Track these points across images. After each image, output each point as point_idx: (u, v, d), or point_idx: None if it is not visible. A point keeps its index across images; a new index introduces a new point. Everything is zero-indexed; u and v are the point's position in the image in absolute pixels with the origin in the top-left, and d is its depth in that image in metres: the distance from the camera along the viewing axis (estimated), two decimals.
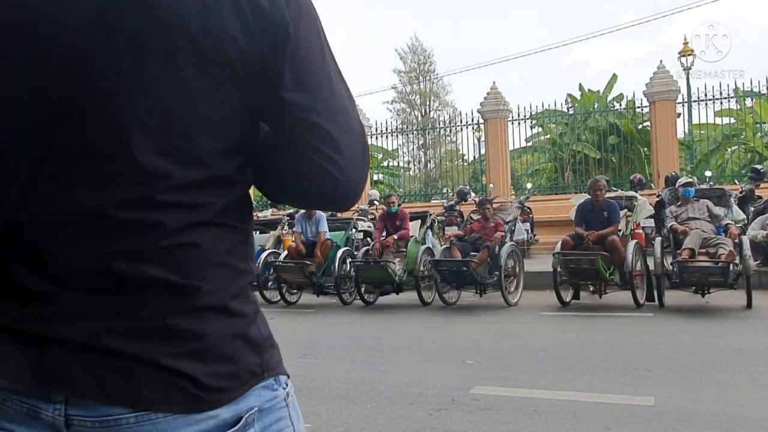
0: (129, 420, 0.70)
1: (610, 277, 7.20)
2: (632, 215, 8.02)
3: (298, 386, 3.31)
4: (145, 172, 0.71)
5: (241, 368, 0.75)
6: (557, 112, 16.68)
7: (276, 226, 10.30)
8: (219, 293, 0.75)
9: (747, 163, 15.73)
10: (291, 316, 8.11)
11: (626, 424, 3.25)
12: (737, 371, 4.30)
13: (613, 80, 21.24)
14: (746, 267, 6.77)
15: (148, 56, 0.71)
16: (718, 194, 7.96)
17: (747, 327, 6.18)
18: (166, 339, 0.72)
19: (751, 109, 15.57)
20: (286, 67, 0.76)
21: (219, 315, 0.75)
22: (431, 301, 8.23)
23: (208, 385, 0.72)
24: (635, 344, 5.40)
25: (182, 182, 0.72)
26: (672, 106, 13.51)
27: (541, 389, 3.95)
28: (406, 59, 36.92)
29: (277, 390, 0.80)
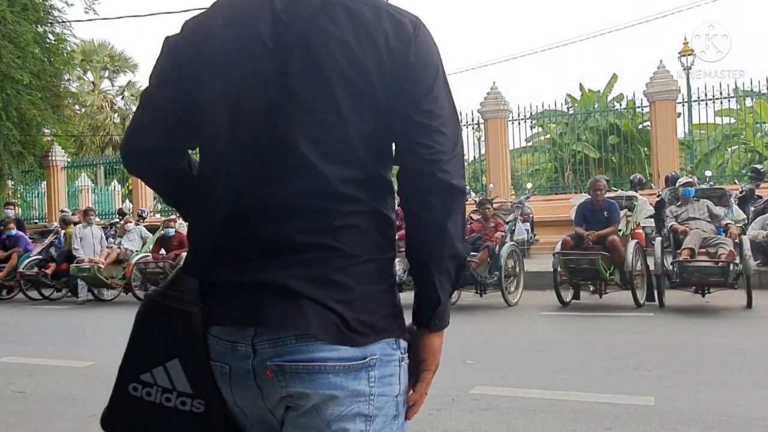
0: (290, 341, 1.02)
1: (610, 277, 7.20)
2: (632, 215, 8.02)
3: None
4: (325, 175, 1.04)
5: (376, 322, 1.05)
6: (557, 112, 16.67)
7: None
8: (371, 263, 1.07)
9: (747, 162, 15.72)
10: None
11: (626, 424, 3.25)
12: (737, 371, 4.30)
13: (613, 80, 21.24)
14: (746, 267, 6.77)
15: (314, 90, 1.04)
16: (718, 194, 7.96)
17: (747, 327, 6.18)
18: (330, 288, 1.03)
19: (751, 109, 15.55)
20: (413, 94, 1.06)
21: (368, 279, 1.06)
22: None
23: (353, 327, 1.03)
24: (635, 344, 5.40)
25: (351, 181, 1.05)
26: (672, 106, 13.49)
27: (541, 389, 3.94)
28: None
29: (397, 350, 1.08)
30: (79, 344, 6.53)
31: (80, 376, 4.84)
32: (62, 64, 17.32)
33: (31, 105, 15.25)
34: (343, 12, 1.05)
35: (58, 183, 18.81)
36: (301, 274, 1.03)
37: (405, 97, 1.06)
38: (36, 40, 15.59)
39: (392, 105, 1.06)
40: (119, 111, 31.99)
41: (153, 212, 17.39)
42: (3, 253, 11.37)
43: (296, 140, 1.04)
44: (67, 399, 4.15)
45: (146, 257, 10.00)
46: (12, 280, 10.99)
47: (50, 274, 10.57)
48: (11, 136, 15.15)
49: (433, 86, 1.08)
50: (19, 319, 9.04)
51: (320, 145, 1.04)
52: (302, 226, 1.05)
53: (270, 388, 1.05)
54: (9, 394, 4.35)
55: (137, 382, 1.11)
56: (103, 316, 8.90)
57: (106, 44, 31.17)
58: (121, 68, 31.83)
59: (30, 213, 20.05)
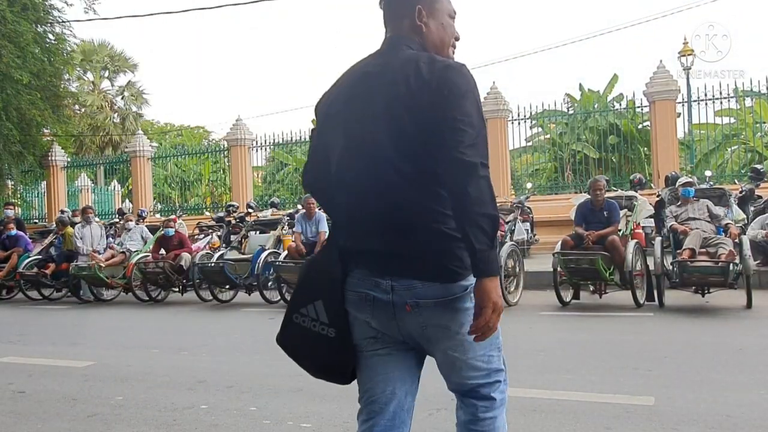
0: (417, 285, 1.65)
1: (610, 276, 7.19)
2: (632, 215, 8.01)
3: (298, 386, 3.30)
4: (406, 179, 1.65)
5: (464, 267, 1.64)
6: (557, 112, 16.66)
7: (276, 226, 10.29)
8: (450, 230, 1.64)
9: (747, 162, 15.72)
10: None
11: (626, 424, 3.25)
12: (737, 371, 4.30)
13: (614, 80, 21.23)
14: (746, 267, 6.77)
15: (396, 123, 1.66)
16: (718, 194, 7.95)
17: (747, 327, 6.18)
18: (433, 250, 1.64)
19: (751, 109, 15.55)
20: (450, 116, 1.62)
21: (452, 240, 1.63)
22: None
23: (453, 270, 1.64)
24: (635, 344, 5.40)
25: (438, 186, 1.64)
26: (672, 105, 13.49)
27: (541, 389, 3.94)
28: None
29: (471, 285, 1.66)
30: (79, 344, 6.54)
31: (80, 376, 4.84)
32: (62, 64, 17.32)
33: (31, 105, 15.25)
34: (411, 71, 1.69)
35: (58, 183, 18.82)
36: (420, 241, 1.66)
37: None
38: (36, 40, 15.58)
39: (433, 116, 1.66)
40: (119, 111, 31.96)
41: (153, 212, 17.38)
42: (3, 253, 11.37)
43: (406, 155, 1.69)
44: (67, 399, 4.15)
45: (146, 257, 10.00)
46: (12, 280, 10.99)
47: (50, 274, 10.57)
48: (11, 136, 15.15)
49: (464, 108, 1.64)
50: (19, 319, 9.04)
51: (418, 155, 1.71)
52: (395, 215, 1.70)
53: (407, 317, 1.68)
54: (9, 394, 4.35)
55: (297, 313, 1.80)
56: (103, 316, 8.90)
57: (106, 44, 31.14)
58: (121, 68, 31.80)
59: (30, 213, 20.05)
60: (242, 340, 6.44)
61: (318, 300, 1.75)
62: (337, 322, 1.74)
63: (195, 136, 33.73)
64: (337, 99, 1.82)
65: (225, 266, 9.00)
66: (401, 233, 1.66)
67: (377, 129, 1.68)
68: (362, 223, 1.72)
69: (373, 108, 1.71)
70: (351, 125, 1.74)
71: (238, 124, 16.91)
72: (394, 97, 1.67)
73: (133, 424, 3.56)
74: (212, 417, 3.64)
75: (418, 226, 1.65)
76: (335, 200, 1.81)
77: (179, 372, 4.85)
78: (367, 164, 1.70)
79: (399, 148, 1.66)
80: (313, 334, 1.76)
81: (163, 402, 3.99)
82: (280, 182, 22.80)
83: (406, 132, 1.65)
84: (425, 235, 1.65)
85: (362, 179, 1.71)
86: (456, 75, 1.67)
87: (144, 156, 17.93)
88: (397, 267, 1.66)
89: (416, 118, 1.64)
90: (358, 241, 1.73)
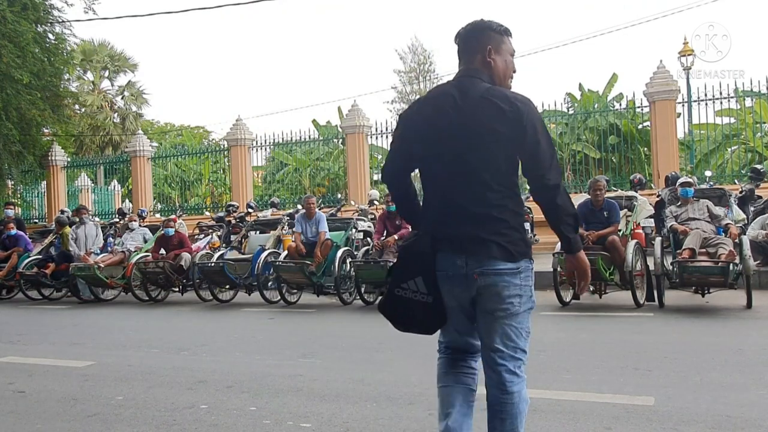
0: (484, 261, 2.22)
1: (610, 277, 7.19)
2: (632, 215, 8.01)
3: (298, 386, 3.30)
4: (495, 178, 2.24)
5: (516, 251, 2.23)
6: (557, 112, 16.65)
7: (276, 226, 10.29)
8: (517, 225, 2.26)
9: (747, 163, 15.71)
10: (291, 316, 8.11)
11: (626, 424, 3.25)
12: (737, 371, 4.30)
13: (613, 80, 21.22)
14: (746, 267, 6.77)
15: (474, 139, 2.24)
16: (718, 194, 7.95)
17: (747, 327, 6.17)
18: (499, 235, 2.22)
19: (751, 109, 15.54)
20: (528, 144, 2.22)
21: (516, 231, 2.25)
22: None
23: (512, 252, 2.22)
24: (635, 344, 5.40)
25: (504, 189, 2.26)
26: (672, 105, 13.48)
27: (541, 389, 3.94)
28: (406, 59, 36.90)
29: (530, 264, 2.29)
30: (79, 344, 6.54)
31: (80, 376, 4.84)
32: (62, 64, 17.31)
33: (31, 105, 15.24)
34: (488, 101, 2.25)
35: (57, 183, 18.82)
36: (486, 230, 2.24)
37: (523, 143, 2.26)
38: (36, 40, 15.58)
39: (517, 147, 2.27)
40: (119, 111, 31.99)
41: (153, 212, 17.38)
42: (3, 252, 11.37)
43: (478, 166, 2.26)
44: (67, 399, 4.15)
45: (146, 257, 10.00)
46: (12, 279, 11.00)
47: (50, 273, 10.57)
48: (11, 135, 15.15)
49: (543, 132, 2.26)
50: (19, 319, 9.04)
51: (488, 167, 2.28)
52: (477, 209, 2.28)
53: (474, 284, 2.25)
54: (9, 394, 4.35)
55: (399, 288, 2.34)
56: (103, 316, 8.90)
57: (106, 44, 31.17)
58: (121, 68, 31.82)
59: (30, 213, 20.05)
60: (242, 340, 6.44)
61: (418, 276, 2.31)
62: (434, 292, 2.29)
63: (195, 136, 33.71)
64: (420, 114, 2.39)
65: (225, 266, 9.00)
66: (478, 224, 2.26)
67: (461, 145, 2.26)
68: (448, 216, 2.31)
69: (454, 128, 2.28)
70: (433, 140, 2.32)
71: (238, 123, 16.91)
72: (477, 122, 2.24)
73: (133, 424, 3.56)
74: (212, 417, 3.64)
75: (490, 220, 2.25)
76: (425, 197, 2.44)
77: (179, 372, 4.85)
78: (453, 173, 2.29)
79: (481, 162, 2.25)
80: (414, 302, 2.32)
81: (163, 402, 3.99)
82: (280, 182, 22.78)
83: (488, 150, 2.24)
84: (495, 226, 2.25)
85: (449, 184, 2.31)
86: (529, 109, 2.26)
87: (144, 156, 17.93)
88: (472, 247, 2.26)
89: (498, 141, 2.23)
90: (444, 229, 2.30)
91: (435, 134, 2.31)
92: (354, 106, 15.84)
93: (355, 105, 15.88)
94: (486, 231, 2.24)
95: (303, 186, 21.24)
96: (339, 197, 15.76)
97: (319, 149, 20.64)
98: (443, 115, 2.29)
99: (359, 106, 15.78)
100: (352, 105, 15.94)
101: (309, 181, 21.63)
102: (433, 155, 2.33)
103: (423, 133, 2.35)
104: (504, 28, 2.47)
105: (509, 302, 2.25)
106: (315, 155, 21.39)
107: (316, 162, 21.62)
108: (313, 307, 8.55)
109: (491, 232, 2.24)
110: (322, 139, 19.38)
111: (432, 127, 2.31)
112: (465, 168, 2.26)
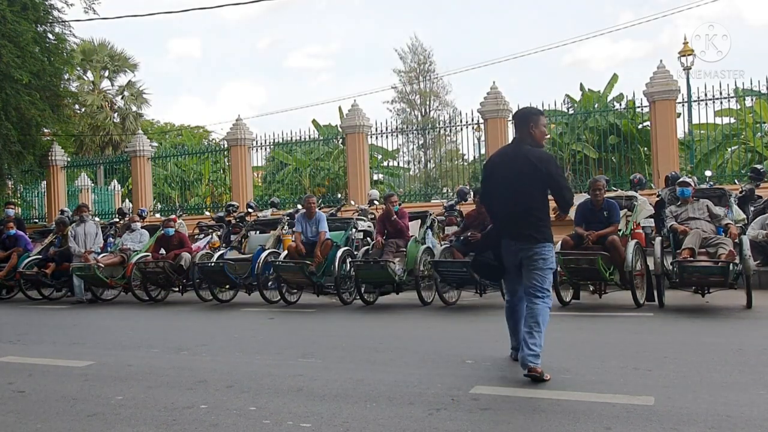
0: (525, 245, 4.44)
1: (610, 276, 7.19)
2: (632, 215, 8.01)
3: (298, 386, 3.30)
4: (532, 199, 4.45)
5: (544, 237, 4.44)
6: (557, 112, 16.64)
7: (276, 225, 10.29)
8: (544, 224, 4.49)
9: (747, 162, 15.69)
10: (291, 316, 8.11)
11: (626, 424, 3.25)
12: (737, 371, 4.30)
13: (614, 80, 21.22)
14: (746, 267, 6.77)
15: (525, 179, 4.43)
16: (718, 194, 7.95)
17: (747, 327, 6.18)
18: (533, 229, 4.42)
19: (751, 109, 15.53)
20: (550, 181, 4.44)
21: (543, 227, 4.46)
22: (431, 301, 8.23)
23: (538, 238, 4.41)
24: (635, 344, 5.40)
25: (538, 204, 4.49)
26: (672, 105, 13.46)
27: (541, 389, 3.95)
28: (406, 59, 36.92)
29: (551, 245, 4.50)
30: (79, 344, 6.54)
31: (80, 375, 4.84)
32: (62, 64, 17.30)
33: (31, 105, 15.24)
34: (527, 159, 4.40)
35: (57, 183, 18.81)
36: (526, 228, 4.41)
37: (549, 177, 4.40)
38: (36, 40, 15.57)
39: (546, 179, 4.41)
40: (119, 111, 31.97)
41: (153, 212, 17.38)
42: (3, 252, 11.37)
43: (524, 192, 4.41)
44: (67, 399, 4.15)
45: (146, 257, 10.00)
46: (12, 279, 11.00)
47: (50, 273, 10.57)
48: (11, 135, 15.14)
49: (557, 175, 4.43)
50: (19, 319, 9.04)
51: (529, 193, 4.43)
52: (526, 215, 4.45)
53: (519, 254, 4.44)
54: (9, 394, 4.35)
55: (481, 255, 4.83)
56: (103, 316, 8.90)
57: (106, 44, 31.15)
58: (121, 68, 31.81)
59: (30, 213, 20.04)
60: (242, 340, 6.44)
61: (493, 250, 4.64)
62: (498, 259, 4.61)
63: (195, 136, 33.69)
64: (494, 162, 4.68)
65: (225, 266, 9.00)
66: (522, 222, 4.40)
67: (518, 179, 4.39)
68: (507, 219, 4.50)
69: (513, 171, 4.42)
70: (502, 177, 4.51)
71: (238, 124, 16.91)
72: (524, 168, 4.37)
73: (133, 424, 3.56)
74: (212, 417, 3.64)
75: (529, 222, 4.39)
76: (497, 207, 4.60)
77: (179, 372, 4.85)
78: (513, 193, 4.43)
79: (528, 186, 4.38)
80: (488, 263, 4.73)
81: (163, 402, 3.99)
82: (280, 182, 22.76)
83: (532, 181, 4.37)
84: (531, 225, 4.38)
85: (509, 202, 4.46)
86: (548, 162, 4.40)
87: (144, 156, 17.92)
88: (519, 236, 4.41)
89: (537, 177, 4.35)
90: (505, 225, 4.51)
91: (501, 175, 4.53)
92: (354, 106, 15.83)
93: (355, 105, 15.88)
94: (526, 228, 4.40)
95: (303, 186, 21.23)
96: (339, 197, 15.75)
97: (319, 149, 20.63)
98: (504, 165, 4.53)
99: (359, 106, 15.78)
100: (352, 105, 15.93)
101: (309, 181, 21.62)
102: (501, 186, 4.53)
103: (496, 174, 4.59)
104: (539, 111, 4.66)
105: (537, 263, 4.37)
106: (315, 155, 21.38)
107: (316, 162, 21.61)
108: (313, 307, 8.55)
109: (529, 228, 4.39)
110: (322, 139, 19.37)
111: (500, 171, 4.55)
112: (517, 193, 4.43)
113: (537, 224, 4.36)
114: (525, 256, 4.35)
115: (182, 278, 9.74)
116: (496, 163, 4.62)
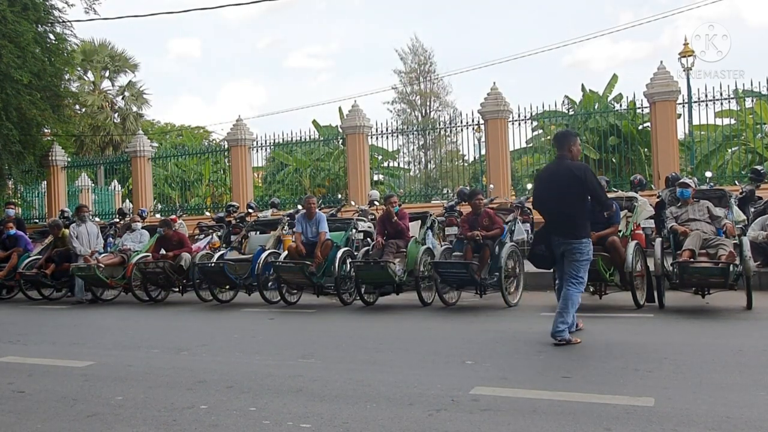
0: (567, 240, 5.59)
1: (610, 277, 7.19)
2: (632, 216, 8.00)
3: (298, 386, 3.30)
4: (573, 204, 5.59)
5: (582, 234, 5.58)
6: (557, 113, 16.65)
7: (276, 226, 10.29)
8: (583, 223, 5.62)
9: (747, 163, 15.70)
10: (291, 316, 8.11)
11: (626, 425, 3.25)
12: (737, 372, 4.30)
13: (614, 81, 21.23)
14: (746, 268, 6.77)
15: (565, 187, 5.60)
16: (719, 195, 7.94)
17: (747, 327, 6.18)
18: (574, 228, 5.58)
19: (751, 110, 15.53)
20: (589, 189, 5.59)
21: (582, 226, 5.60)
22: (431, 301, 8.23)
23: (577, 235, 5.56)
24: (635, 344, 5.40)
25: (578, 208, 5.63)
26: (672, 106, 13.47)
27: (541, 389, 3.95)
28: (407, 60, 36.95)
29: (588, 240, 5.64)
30: (79, 344, 6.54)
31: (80, 376, 4.84)
32: (62, 64, 17.31)
33: (31, 105, 15.25)
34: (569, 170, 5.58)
35: (58, 183, 18.81)
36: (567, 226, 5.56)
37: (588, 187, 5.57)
38: (36, 40, 15.58)
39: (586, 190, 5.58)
40: (119, 111, 31.99)
41: (153, 212, 17.39)
42: (3, 252, 11.36)
43: (565, 198, 5.55)
44: (67, 399, 4.16)
45: (146, 257, 10.00)
46: (12, 279, 10.99)
47: (50, 273, 10.57)
48: (11, 135, 15.14)
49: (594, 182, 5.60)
50: (19, 319, 9.04)
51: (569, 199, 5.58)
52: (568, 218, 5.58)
53: (561, 247, 5.61)
54: (9, 394, 4.35)
55: (536, 248, 5.83)
56: (103, 316, 8.90)
57: (107, 44, 31.18)
58: (121, 68, 31.83)
59: (30, 213, 20.04)
60: (242, 340, 6.44)
61: (543, 244, 5.73)
62: (549, 251, 5.71)
63: (195, 136, 33.69)
64: (543, 176, 6.00)
65: (225, 266, 9.00)
66: (567, 223, 5.55)
67: (563, 188, 5.55)
68: (554, 219, 5.66)
69: (558, 182, 5.59)
70: (549, 187, 5.72)
71: (238, 124, 16.92)
72: (568, 180, 5.52)
73: (133, 424, 3.56)
74: (212, 417, 3.64)
75: (571, 222, 5.53)
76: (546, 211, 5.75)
77: (179, 372, 4.85)
78: (559, 200, 5.57)
79: (572, 194, 5.52)
80: (542, 254, 5.78)
81: (163, 402, 3.99)
82: (280, 182, 22.77)
83: (576, 190, 5.52)
84: (572, 224, 5.53)
85: (556, 206, 5.62)
86: (586, 173, 5.58)
87: (144, 156, 17.93)
88: (563, 233, 5.57)
89: (579, 187, 5.50)
90: (552, 226, 5.66)
91: (548, 185, 5.72)
92: (354, 107, 15.84)
93: (355, 105, 15.88)
94: (569, 227, 5.51)
95: (303, 186, 21.23)
96: (339, 198, 15.76)
97: (319, 150, 20.64)
98: (551, 176, 5.70)
99: (359, 107, 15.78)
100: (353, 105, 15.94)
101: (309, 181, 21.62)
102: (549, 193, 5.66)
103: (544, 184, 5.79)
104: (576, 133, 6.35)
105: (574, 255, 5.50)
106: (315, 155, 21.38)
107: (316, 162, 21.61)
108: (313, 307, 8.55)
109: (571, 227, 5.50)
110: (322, 139, 19.37)
111: (547, 181, 5.74)
112: (561, 199, 5.53)
113: (575, 223, 5.49)
114: (566, 249, 5.53)
115: (182, 278, 9.74)
116: (544, 177, 5.92)
